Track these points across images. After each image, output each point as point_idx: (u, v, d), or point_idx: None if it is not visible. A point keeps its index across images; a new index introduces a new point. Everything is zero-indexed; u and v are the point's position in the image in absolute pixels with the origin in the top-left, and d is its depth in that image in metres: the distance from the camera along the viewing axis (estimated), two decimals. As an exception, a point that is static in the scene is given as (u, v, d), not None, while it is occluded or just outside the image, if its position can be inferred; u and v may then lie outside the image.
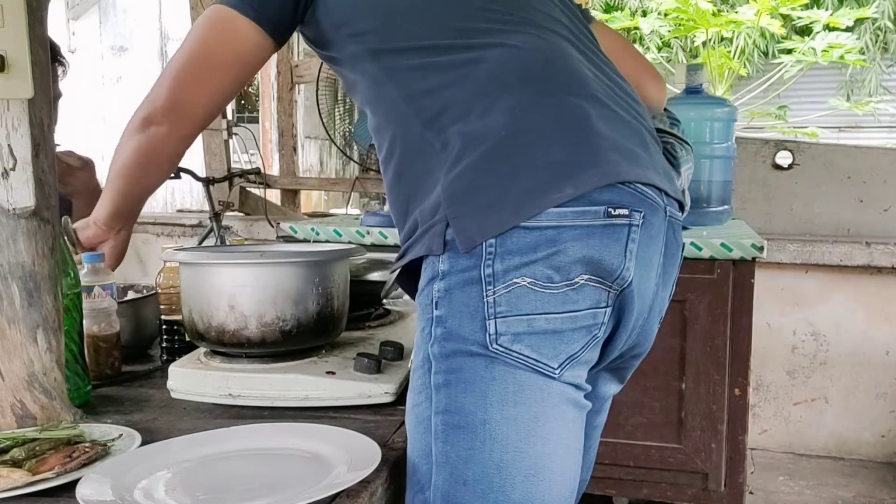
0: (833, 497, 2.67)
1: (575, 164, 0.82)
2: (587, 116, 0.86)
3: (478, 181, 0.82)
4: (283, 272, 1.04)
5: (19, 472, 0.79)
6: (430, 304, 0.85)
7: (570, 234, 0.80)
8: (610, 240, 0.82)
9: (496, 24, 0.91)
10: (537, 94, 0.86)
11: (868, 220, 3.05)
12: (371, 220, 2.25)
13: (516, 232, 0.80)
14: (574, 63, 0.92)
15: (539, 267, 0.80)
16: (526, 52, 0.89)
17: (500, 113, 0.84)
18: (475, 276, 0.81)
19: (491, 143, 0.83)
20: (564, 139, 0.84)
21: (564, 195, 0.80)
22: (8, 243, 0.90)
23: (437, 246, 0.84)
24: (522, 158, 0.82)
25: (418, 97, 0.89)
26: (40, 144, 0.91)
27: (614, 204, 0.82)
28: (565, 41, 0.94)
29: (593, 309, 0.83)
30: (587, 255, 0.81)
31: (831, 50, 4.09)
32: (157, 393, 1.11)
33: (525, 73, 0.88)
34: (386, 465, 0.84)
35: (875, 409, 2.98)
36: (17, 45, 0.87)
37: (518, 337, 0.81)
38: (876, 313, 2.93)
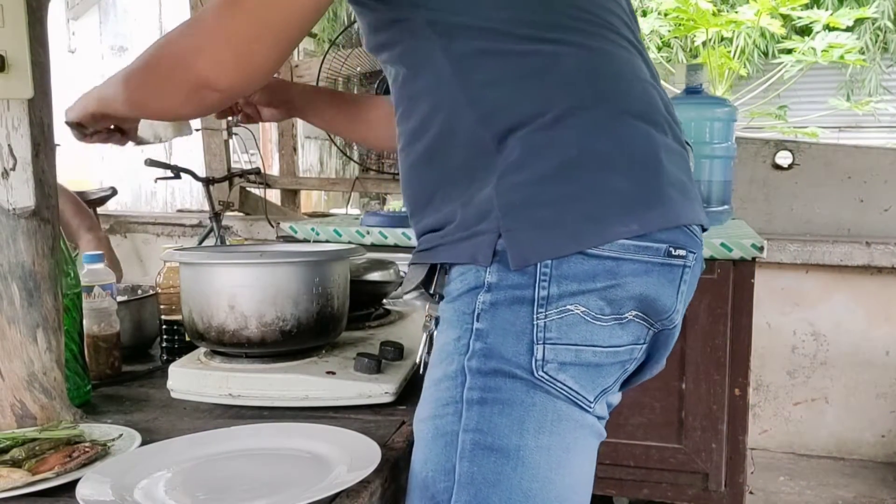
0: (833, 497, 2.67)
1: (641, 198, 0.79)
2: (655, 146, 0.82)
3: (539, 197, 0.78)
4: (283, 272, 1.04)
5: (19, 472, 0.79)
6: (471, 315, 0.80)
7: (630, 269, 0.78)
8: (666, 280, 0.80)
9: (578, 23, 0.83)
10: (610, 113, 0.81)
11: (868, 220, 3.05)
12: (371, 220, 2.25)
13: (575, 256, 0.77)
14: (645, 81, 0.86)
15: (594, 297, 0.77)
16: (602, 61, 0.83)
17: (570, 128, 0.79)
18: (527, 295, 0.77)
19: (557, 160, 0.78)
20: (633, 169, 0.80)
21: (629, 230, 0.77)
22: (8, 243, 0.90)
23: (483, 257, 0.79)
24: (588, 182, 0.78)
25: (479, 86, 0.82)
26: (40, 144, 0.91)
27: (675, 244, 0.80)
28: (637, 55, 0.88)
29: (632, 345, 0.82)
30: (643, 292, 0.79)
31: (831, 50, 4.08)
32: (157, 393, 1.11)
33: (600, 87, 0.82)
34: (386, 465, 0.84)
35: (875, 409, 2.98)
36: (17, 45, 0.87)
37: (564, 367, 0.78)
38: (876, 313, 2.93)
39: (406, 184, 0.91)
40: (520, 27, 0.81)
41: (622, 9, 0.90)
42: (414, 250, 0.91)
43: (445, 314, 0.84)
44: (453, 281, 0.84)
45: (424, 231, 0.89)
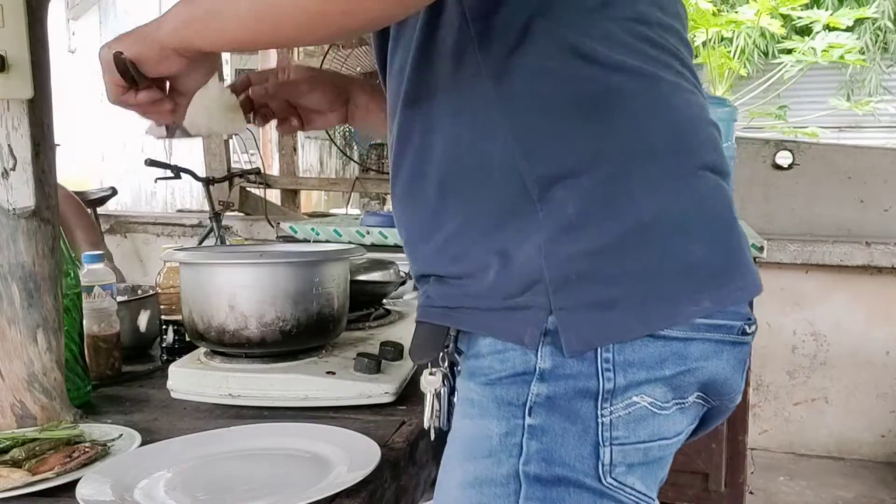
0: (833, 497, 2.67)
1: (718, 269, 0.68)
2: (727, 202, 0.71)
3: (601, 271, 0.65)
4: (283, 272, 1.04)
5: (19, 472, 0.79)
6: (520, 407, 0.67)
7: (700, 350, 0.67)
8: (736, 360, 0.70)
9: (649, 47, 0.69)
10: (686, 166, 0.68)
11: (868, 220, 3.05)
12: (371, 220, 2.25)
13: (639, 339, 0.66)
14: (711, 124, 0.73)
15: (660, 385, 0.66)
16: (675, 99, 0.70)
17: (641, 184, 0.66)
18: (590, 387, 0.65)
19: (625, 224, 0.65)
20: (710, 235, 0.68)
21: (702, 309, 0.66)
22: (8, 243, 0.90)
23: (530, 338, 0.66)
24: (661, 254, 0.66)
25: (527, 111, 0.67)
26: (40, 144, 0.91)
27: (748, 320, 0.70)
28: (697, 88, 0.74)
29: (689, 426, 0.72)
30: (713, 376, 0.69)
31: (831, 50, 4.08)
32: (157, 393, 1.11)
33: (675, 133, 0.69)
34: (386, 465, 0.84)
35: (875, 409, 2.98)
36: (17, 45, 0.87)
37: (632, 468, 0.67)
38: (876, 313, 2.93)
39: (405, 208, 0.77)
40: (586, 44, 0.66)
41: (683, 27, 0.76)
42: (420, 300, 0.78)
43: (476, 396, 0.70)
44: (485, 356, 0.70)
45: (431, 272, 0.75)
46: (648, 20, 0.70)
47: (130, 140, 6.84)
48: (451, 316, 0.73)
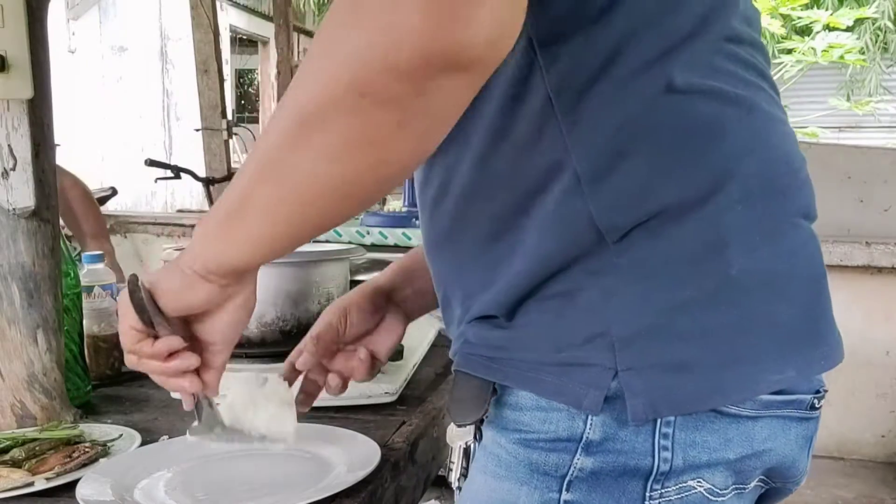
0: (833, 497, 2.67)
1: (804, 333, 0.59)
2: (819, 256, 0.62)
3: (678, 326, 0.56)
4: (283, 272, 1.04)
5: (19, 472, 0.79)
6: (559, 480, 0.58)
7: (767, 430, 0.58)
8: (804, 440, 0.62)
9: (738, 66, 0.59)
10: (781, 215, 0.59)
11: (868, 220, 3.05)
12: (371, 220, 2.25)
13: (705, 415, 0.56)
14: (802, 156, 0.63)
15: (721, 469, 0.58)
16: (768, 131, 0.60)
17: (730, 231, 0.57)
18: (643, 466, 0.57)
19: (711, 279, 0.56)
20: (798, 292, 0.59)
21: (784, 378, 0.57)
22: (8, 243, 0.90)
23: (592, 402, 0.56)
24: (746, 312, 0.56)
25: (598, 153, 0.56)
26: (40, 144, 0.91)
27: (819, 392, 0.61)
28: (783, 112, 0.64)
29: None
30: (781, 458, 0.60)
31: (831, 50, 4.09)
32: (157, 393, 1.11)
33: (770, 175, 0.58)
34: (386, 465, 0.84)
35: (875, 409, 2.98)
36: (17, 45, 0.87)
37: None
38: (876, 313, 2.93)
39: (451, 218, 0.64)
40: (674, 74, 0.55)
41: (762, 41, 0.65)
42: (456, 344, 0.66)
43: (506, 455, 0.61)
44: (525, 410, 0.60)
45: (475, 315, 0.64)
46: (740, 38, 0.60)
47: (130, 140, 6.85)
48: (493, 368, 0.61)
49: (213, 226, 0.58)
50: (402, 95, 0.45)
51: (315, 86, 0.48)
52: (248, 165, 0.54)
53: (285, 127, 0.50)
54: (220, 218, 0.57)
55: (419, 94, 0.45)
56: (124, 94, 6.73)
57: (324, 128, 0.47)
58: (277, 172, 0.51)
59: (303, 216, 0.54)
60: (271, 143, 0.51)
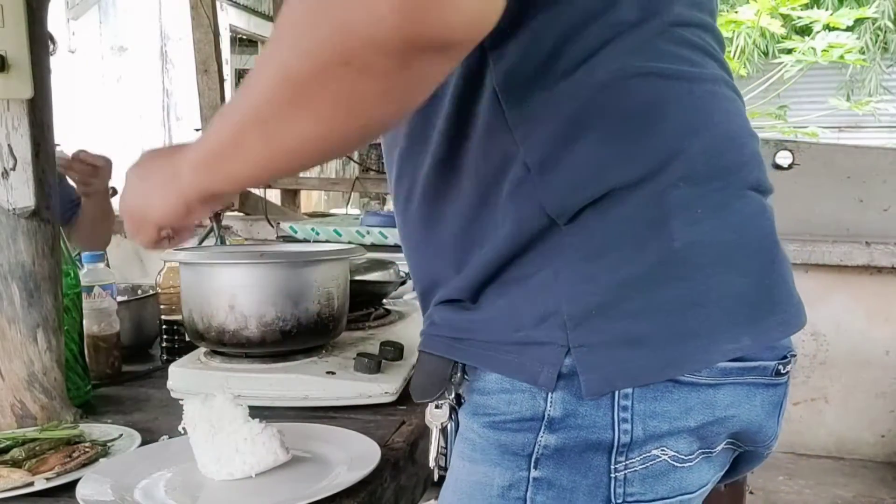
0: (833, 497, 2.67)
1: (759, 302, 0.60)
2: (771, 224, 0.63)
3: (626, 304, 0.57)
4: (283, 272, 1.04)
5: (19, 472, 0.79)
6: (526, 458, 0.61)
7: (730, 397, 0.60)
8: (771, 405, 0.64)
9: (683, 48, 0.61)
10: (727, 189, 0.60)
11: (868, 220, 3.05)
12: (371, 220, 2.25)
13: (663, 385, 0.58)
14: (751, 131, 0.65)
15: (685, 436, 0.59)
16: (715, 109, 0.61)
17: (675, 208, 0.58)
18: (604, 439, 0.58)
19: (655, 252, 0.57)
20: (749, 262, 0.60)
21: (740, 347, 0.58)
22: (8, 243, 0.90)
23: (546, 378, 0.58)
24: (694, 285, 0.58)
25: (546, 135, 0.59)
26: (40, 144, 0.91)
27: (784, 357, 0.62)
28: (735, 93, 0.66)
29: (716, 475, 0.66)
30: (746, 426, 0.62)
31: (831, 50, 4.09)
32: (157, 393, 1.11)
33: (715, 150, 0.60)
34: (386, 465, 0.84)
35: (875, 409, 2.98)
36: (17, 45, 0.87)
37: None
38: (876, 313, 2.93)
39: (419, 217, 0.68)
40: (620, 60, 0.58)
41: (714, 23, 0.66)
42: (423, 326, 0.70)
43: (478, 439, 0.63)
44: (491, 394, 0.62)
45: (441, 298, 0.66)
46: (687, 21, 0.62)
47: (130, 140, 6.84)
48: (457, 348, 0.64)
49: (203, 161, 0.61)
50: (386, 68, 0.46)
51: (303, 51, 0.48)
52: (237, 111, 0.56)
53: (273, 86, 0.51)
54: (210, 156, 0.60)
55: (402, 68, 0.47)
56: (124, 94, 6.72)
57: (312, 93, 0.49)
58: (266, 129, 0.53)
59: (288, 164, 0.57)
60: (260, 98, 0.53)
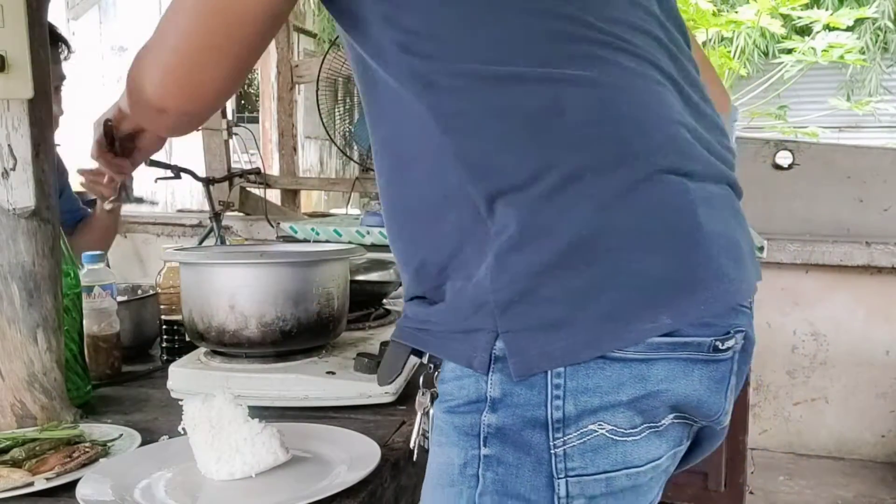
0: (833, 497, 2.67)
1: (677, 281, 0.62)
2: (692, 205, 0.64)
3: (543, 289, 0.61)
4: (283, 272, 1.04)
5: (19, 472, 0.79)
6: (476, 438, 0.65)
7: (663, 372, 0.62)
8: (712, 381, 0.65)
9: (584, 45, 0.65)
10: (632, 172, 0.63)
11: (868, 220, 3.05)
12: (371, 220, 2.24)
13: (594, 363, 0.61)
14: (675, 118, 0.67)
15: (621, 410, 0.62)
16: (621, 103, 0.65)
17: (580, 196, 0.62)
18: (539, 416, 0.62)
19: (565, 239, 0.61)
20: (665, 244, 0.62)
21: (659, 326, 0.61)
22: (8, 243, 0.90)
23: (480, 363, 0.63)
24: (606, 268, 0.61)
25: (465, 137, 0.65)
26: (40, 144, 0.91)
27: (722, 334, 0.64)
28: (666, 78, 0.69)
29: (675, 449, 0.67)
30: (683, 400, 0.64)
31: (831, 50, 4.08)
32: (157, 393, 1.11)
33: (619, 140, 0.63)
34: (386, 465, 0.84)
35: (875, 409, 2.98)
36: (17, 45, 0.87)
37: (594, 500, 0.64)
38: (876, 313, 2.93)
39: (390, 237, 0.75)
40: (514, 67, 0.64)
41: (657, 23, 0.70)
42: (401, 316, 0.76)
43: (442, 424, 0.68)
44: (448, 381, 0.68)
45: (410, 295, 0.73)
46: (588, 16, 0.65)
47: (130, 140, 6.84)
48: (420, 337, 0.70)
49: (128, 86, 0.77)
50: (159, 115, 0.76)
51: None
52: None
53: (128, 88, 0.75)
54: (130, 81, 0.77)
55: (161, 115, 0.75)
56: (124, 94, 6.72)
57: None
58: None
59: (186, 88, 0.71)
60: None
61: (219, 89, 0.71)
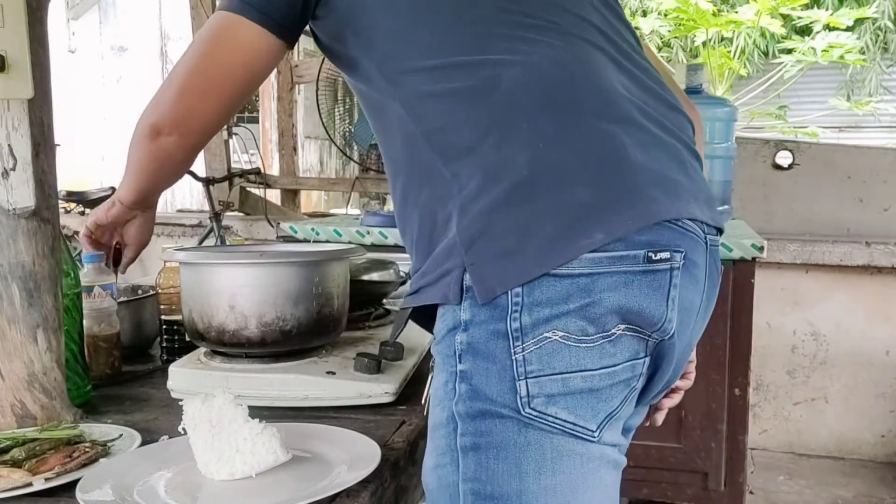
0: (833, 497, 2.67)
1: (606, 205, 0.73)
2: (621, 146, 0.76)
3: (496, 225, 0.74)
4: (283, 272, 1.04)
5: (19, 472, 0.79)
6: (453, 357, 0.76)
7: (606, 283, 0.72)
8: (650, 289, 0.74)
9: (517, 31, 0.80)
10: (561, 121, 0.77)
11: (868, 220, 3.05)
12: (371, 220, 2.25)
13: (545, 280, 0.72)
14: (605, 78, 0.81)
15: (572, 319, 0.72)
16: (548, 69, 0.79)
17: (519, 145, 0.76)
18: (501, 329, 0.73)
19: (509, 181, 0.74)
20: (594, 176, 0.75)
21: (594, 241, 0.72)
22: (8, 243, 0.90)
23: (454, 295, 0.76)
24: (546, 200, 0.74)
25: (427, 118, 0.80)
26: (40, 144, 0.91)
27: (655, 247, 0.73)
28: (596, 49, 0.83)
29: (632, 361, 0.76)
30: (625, 305, 0.73)
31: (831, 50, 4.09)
32: (157, 393, 1.11)
33: (547, 96, 0.77)
34: (386, 465, 0.84)
35: (875, 408, 2.98)
36: (17, 45, 0.87)
37: (552, 399, 0.73)
38: (876, 313, 2.93)
39: (399, 227, 0.89)
40: (456, 55, 0.79)
41: (589, 6, 0.86)
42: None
43: (435, 357, 0.81)
44: (438, 322, 0.80)
45: (413, 271, 0.86)
46: (518, 6, 0.81)
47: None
48: (416, 297, 0.82)
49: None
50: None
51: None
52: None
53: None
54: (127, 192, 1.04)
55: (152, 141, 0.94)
56: (124, 94, 6.72)
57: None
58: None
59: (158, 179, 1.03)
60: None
61: (207, 121, 0.91)
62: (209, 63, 0.88)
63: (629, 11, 5.64)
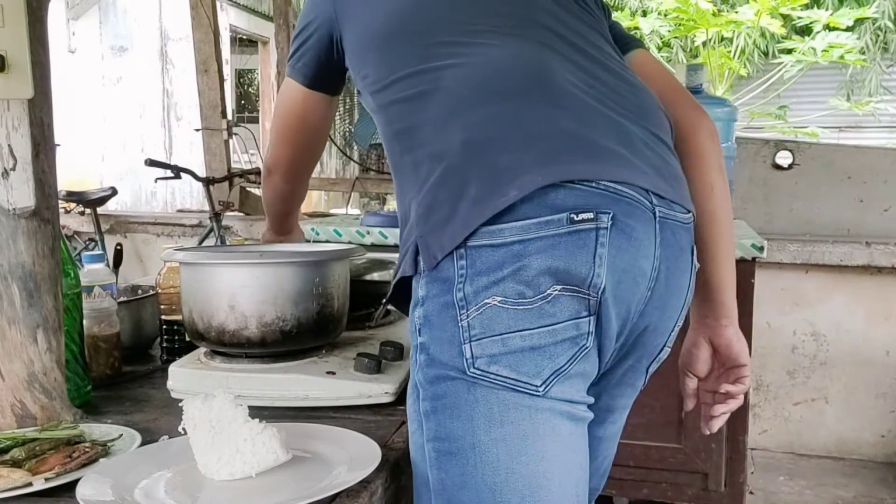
0: (833, 497, 2.67)
1: (522, 165, 0.81)
2: (551, 119, 0.84)
3: (436, 199, 0.83)
4: (283, 272, 1.04)
5: (19, 472, 0.79)
6: (415, 332, 0.85)
7: (535, 247, 0.78)
8: (575, 247, 0.79)
9: (457, 37, 0.91)
10: (496, 106, 0.85)
11: (868, 220, 3.05)
12: (371, 220, 2.25)
13: (485, 251, 0.79)
14: (546, 69, 0.89)
15: (508, 284, 0.79)
16: (484, 65, 0.88)
17: (457, 129, 0.84)
18: (449, 300, 0.81)
19: (447, 160, 0.83)
20: (518, 144, 0.83)
21: (508, 198, 0.78)
22: (8, 243, 0.90)
23: (409, 266, 0.85)
24: (473, 170, 0.82)
25: (394, 122, 0.92)
26: (40, 144, 0.91)
27: (577, 209, 0.79)
28: (540, 45, 0.92)
29: (574, 320, 0.81)
30: (553, 266, 0.79)
31: (831, 50, 4.09)
32: (157, 393, 1.11)
33: (483, 88, 0.87)
34: (386, 465, 0.84)
35: (875, 409, 2.98)
36: (17, 45, 0.87)
37: (494, 358, 0.79)
38: (876, 313, 2.93)
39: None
40: (408, 69, 0.91)
41: (527, 5, 0.96)
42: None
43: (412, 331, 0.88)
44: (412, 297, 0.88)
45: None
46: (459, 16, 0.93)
47: (130, 140, 6.85)
48: (393, 276, 0.92)
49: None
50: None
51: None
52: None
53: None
54: (269, 228, 1.38)
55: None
56: (124, 94, 6.73)
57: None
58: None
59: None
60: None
61: (293, 163, 1.22)
62: (279, 120, 1.18)
63: (629, 11, 5.64)
